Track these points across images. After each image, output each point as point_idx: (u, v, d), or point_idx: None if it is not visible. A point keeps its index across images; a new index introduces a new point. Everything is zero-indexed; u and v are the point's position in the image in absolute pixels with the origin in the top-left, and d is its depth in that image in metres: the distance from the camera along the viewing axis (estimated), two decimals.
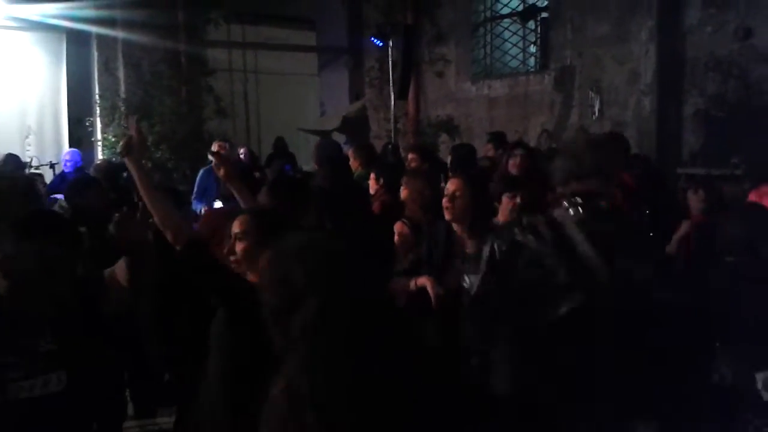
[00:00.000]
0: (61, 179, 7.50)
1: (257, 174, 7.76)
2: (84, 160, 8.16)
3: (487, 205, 3.77)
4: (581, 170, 2.46)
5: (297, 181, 4.20)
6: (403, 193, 4.14)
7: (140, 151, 2.78)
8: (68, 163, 7.89)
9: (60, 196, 6.11)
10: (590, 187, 2.43)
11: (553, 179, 2.61)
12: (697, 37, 8.34)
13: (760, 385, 2.84)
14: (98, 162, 7.14)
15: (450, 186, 3.60)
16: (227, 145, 7.56)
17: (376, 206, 4.86)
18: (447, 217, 3.57)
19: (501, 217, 4.09)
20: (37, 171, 8.33)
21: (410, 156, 6.30)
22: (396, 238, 3.93)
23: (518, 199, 4.11)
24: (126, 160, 2.72)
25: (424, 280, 3.38)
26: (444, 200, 3.59)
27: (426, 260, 3.56)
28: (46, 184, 8.18)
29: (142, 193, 2.69)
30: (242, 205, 3.16)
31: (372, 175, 5.21)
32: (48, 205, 5.83)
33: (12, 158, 7.78)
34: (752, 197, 4.04)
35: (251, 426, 1.77)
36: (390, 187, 4.84)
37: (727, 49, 8.07)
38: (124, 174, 7.94)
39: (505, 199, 4.10)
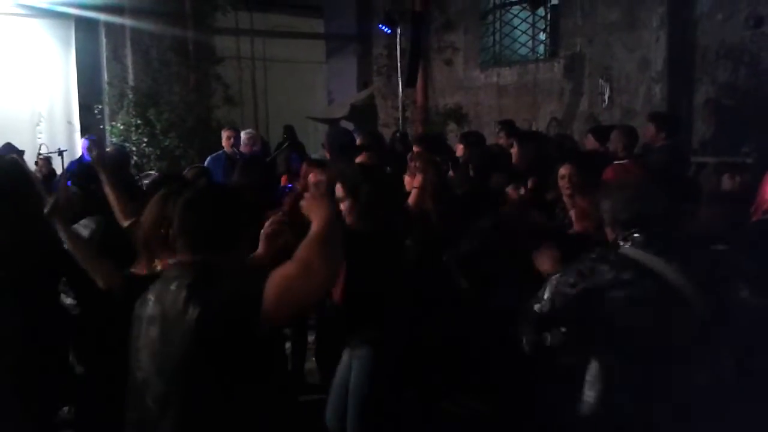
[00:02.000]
0: (78, 164, 7.50)
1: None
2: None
3: None
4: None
5: None
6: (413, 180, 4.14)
7: (67, 212, 2.84)
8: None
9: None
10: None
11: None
12: (708, 24, 8.27)
13: None
14: (108, 150, 7.14)
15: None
16: (234, 133, 7.57)
17: None
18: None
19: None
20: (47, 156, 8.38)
21: (415, 149, 6.27)
22: None
23: (522, 191, 4.10)
24: (55, 221, 2.76)
25: None
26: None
27: None
28: (54, 169, 8.24)
29: (73, 250, 2.81)
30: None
31: None
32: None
33: (8, 146, 7.81)
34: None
35: None
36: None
37: (739, 36, 8.00)
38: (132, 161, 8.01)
39: (509, 190, 4.10)
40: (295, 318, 1.86)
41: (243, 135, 7.70)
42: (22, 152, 8.04)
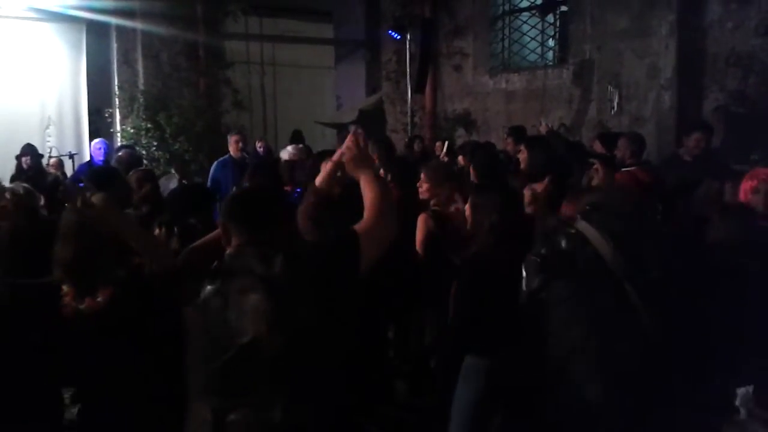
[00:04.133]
0: (89, 168, 7.54)
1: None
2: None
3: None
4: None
5: None
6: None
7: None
8: (99, 151, 7.89)
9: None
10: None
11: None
12: (718, 32, 8.27)
13: (738, 402, 2.79)
14: (120, 154, 7.17)
15: None
16: (241, 137, 7.54)
17: None
18: None
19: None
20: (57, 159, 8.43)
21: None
22: (421, 228, 3.97)
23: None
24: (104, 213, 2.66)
25: None
26: None
27: None
28: (65, 172, 8.29)
29: (129, 234, 2.73)
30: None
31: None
32: (74, 192, 5.86)
33: (29, 148, 7.88)
34: (748, 179, 3.96)
35: None
36: (400, 182, 4.93)
37: (748, 44, 8.00)
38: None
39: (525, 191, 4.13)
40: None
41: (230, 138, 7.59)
42: (41, 155, 8.12)
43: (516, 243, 3.21)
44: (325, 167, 2.82)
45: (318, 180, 2.83)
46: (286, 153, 7.03)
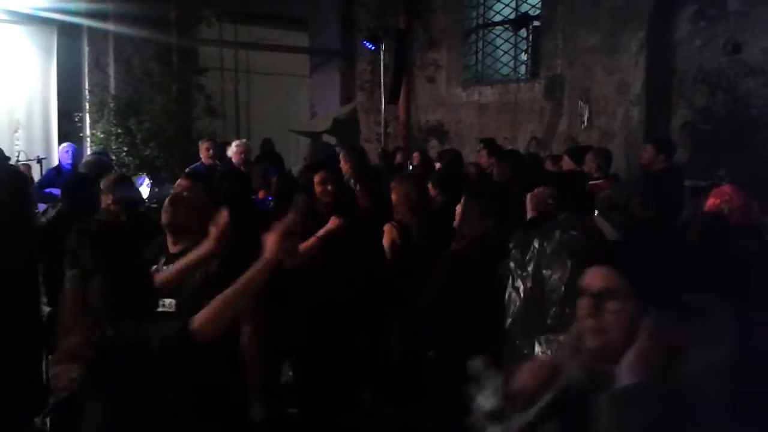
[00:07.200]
0: (56, 173, 7.43)
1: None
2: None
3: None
4: None
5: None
6: (393, 196, 4.25)
7: None
8: (66, 155, 7.77)
9: (54, 190, 6.09)
10: None
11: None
12: (686, 49, 8.42)
13: None
14: (88, 158, 7.09)
15: None
16: (212, 144, 7.56)
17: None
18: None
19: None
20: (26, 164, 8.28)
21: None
22: (386, 239, 4.05)
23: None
24: None
25: None
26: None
27: None
28: (32, 176, 8.15)
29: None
30: None
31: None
32: (42, 198, 5.81)
33: None
34: (712, 197, 4.00)
35: None
36: (369, 192, 4.97)
37: (716, 62, 8.15)
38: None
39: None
40: None
41: (233, 145, 7.65)
42: (8, 158, 7.96)
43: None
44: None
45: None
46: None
